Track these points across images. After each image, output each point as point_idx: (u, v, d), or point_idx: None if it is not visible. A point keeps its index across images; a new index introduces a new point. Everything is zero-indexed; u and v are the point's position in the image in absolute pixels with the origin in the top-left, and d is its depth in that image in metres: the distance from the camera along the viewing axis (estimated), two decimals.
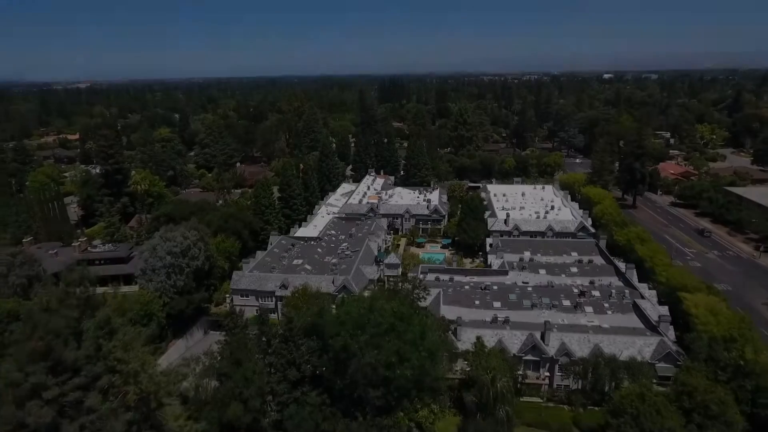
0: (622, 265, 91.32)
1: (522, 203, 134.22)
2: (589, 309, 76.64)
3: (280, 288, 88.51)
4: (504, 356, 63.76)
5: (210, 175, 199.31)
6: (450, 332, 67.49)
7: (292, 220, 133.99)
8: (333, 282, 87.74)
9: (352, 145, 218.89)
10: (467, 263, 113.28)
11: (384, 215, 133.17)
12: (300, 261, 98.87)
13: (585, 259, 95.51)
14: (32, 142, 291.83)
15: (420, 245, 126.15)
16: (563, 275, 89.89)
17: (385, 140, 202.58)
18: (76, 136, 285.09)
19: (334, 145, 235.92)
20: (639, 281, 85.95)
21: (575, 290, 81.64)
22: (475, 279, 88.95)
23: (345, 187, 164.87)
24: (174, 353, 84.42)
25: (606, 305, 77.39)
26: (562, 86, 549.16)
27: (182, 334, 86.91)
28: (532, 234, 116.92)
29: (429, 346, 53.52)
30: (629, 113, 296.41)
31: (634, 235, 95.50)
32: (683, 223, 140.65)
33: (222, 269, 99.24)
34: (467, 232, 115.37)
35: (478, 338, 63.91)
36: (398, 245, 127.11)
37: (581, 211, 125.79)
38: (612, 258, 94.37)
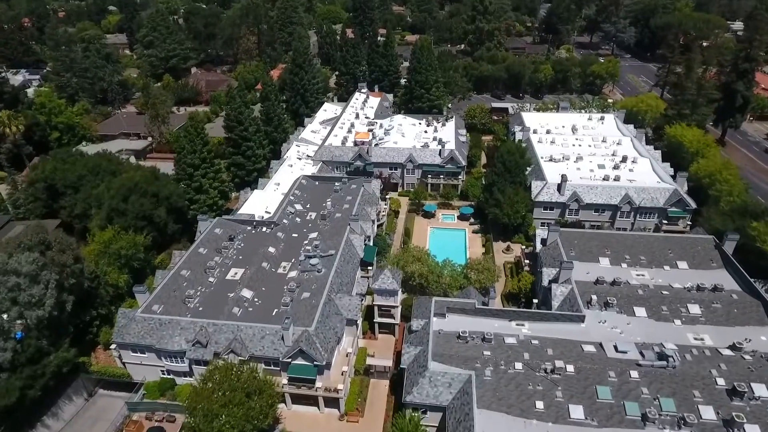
0: None
1: (576, 147, 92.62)
2: (753, 429, 40.62)
3: (194, 345, 51.75)
4: None
5: (158, 85, 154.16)
6: None
7: (248, 172, 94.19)
8: (283, 338, 50.90)
9: (338, 39, 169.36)
10: (501, 251, 75.85)
11: (377, 165, 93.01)
12: (238, 273, 61.03)
13: (707, 282, 57.13)
14: None
15: (428, 215, 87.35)
16: (678, 321, 52.58)
17: (382, 39, 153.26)
18: None
19: (315, 42, 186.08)
20: None
21: (719, 380, 44.77)
22: (527, 330, 51.97)
23: (327, 109, 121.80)
24: None
25: None
26: None
27: (35, 421, 52.01)
28: (599, 208, 77.77)
29: None
30: None
31: None
32: None
33: (114, 288, 61.95)
34: (501, 205, 75.97)
35: None
36: (397, 212, 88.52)
37: (667, 165, 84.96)
38: (754, 282, 56.17)
